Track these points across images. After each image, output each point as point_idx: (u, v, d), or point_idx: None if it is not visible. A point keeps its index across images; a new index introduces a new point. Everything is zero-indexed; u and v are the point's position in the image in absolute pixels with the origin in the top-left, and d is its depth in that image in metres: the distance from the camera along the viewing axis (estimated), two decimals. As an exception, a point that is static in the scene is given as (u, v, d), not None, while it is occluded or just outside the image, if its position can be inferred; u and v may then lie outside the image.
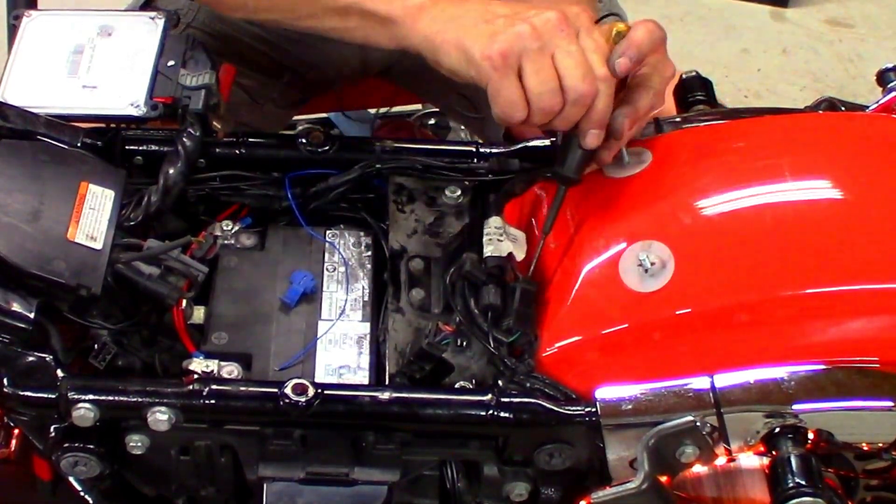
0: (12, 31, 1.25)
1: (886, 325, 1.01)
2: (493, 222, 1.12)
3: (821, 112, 1.24)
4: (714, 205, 1.08)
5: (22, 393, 1.02)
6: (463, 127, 1.91)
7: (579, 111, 1.04)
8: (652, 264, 1.03)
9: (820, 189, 1.10)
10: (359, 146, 1.22)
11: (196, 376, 1.03)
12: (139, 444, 1.04)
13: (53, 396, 1.01)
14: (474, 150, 1.22)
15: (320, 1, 1.17)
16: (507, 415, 1.01)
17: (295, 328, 1.12)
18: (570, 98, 1.03)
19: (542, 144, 1.21)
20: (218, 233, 1.16)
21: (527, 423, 1.02)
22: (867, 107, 1.24)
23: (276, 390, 1.01)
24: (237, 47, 1.53)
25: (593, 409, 1.01)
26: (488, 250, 1.10)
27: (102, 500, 1.11)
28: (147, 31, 1.24)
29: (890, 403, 1.00)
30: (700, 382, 1.00)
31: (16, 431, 1.10)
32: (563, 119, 1.05)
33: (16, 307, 1.01)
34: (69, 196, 1.08)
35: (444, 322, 1.06)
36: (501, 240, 1.11)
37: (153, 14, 1.26)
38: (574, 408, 1.02)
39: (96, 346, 1.06)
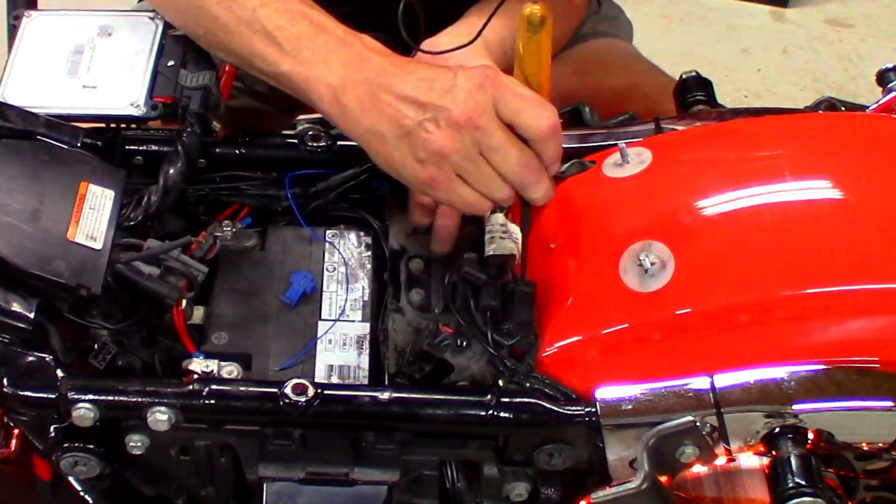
0: (12, 31, 1.26)
1: (886, 325, 1.01)
2: (496, 219, 1.12)
3: (821, 112, 1.24)
4: (714, 205, 1.08)
5: (22, 393, 1.02)
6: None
7: (535, 185, 1.05)
8: (652, 264, 1.03)
9: (820, 189, 1.10)
10: (359, 146, 1.22)
11: (196, 376, 1.03)
12: (139, 443, 1.04)
13: (53, 396, 1.01)
14: (474, 149, 1.22)
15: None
16: (506, 415, 1.01)
17: (295, 328, 1.12)
18: (517, 184, 1.05)
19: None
20: (218, 233, 1.16)
21: (527, 423, 1.02)
22: (867, 107, 1.24)
23: (275, 390, 1.01)
24: None
25: (593, 409, 1.01)
26: (490, 248, 1.10)
27: (102, 500, 1.11)
28: (147, 31, 1.24)
29: (890, 403, 1.00)
30: (700, 382, 1.00)
31: (16, 431, 1.10)
32: (530, 195, 1.06)
33: (16, 307, 1.01)
34: (69, 196, 1.08)
35: (444, 323, 1.06)
36: (504, 238, 1.11)
37: (153, 14, 1.26)
38: (574, 408, 1.02)
39: (96, 346, 1.06)
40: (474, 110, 1.02)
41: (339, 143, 1.21)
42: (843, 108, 1.24)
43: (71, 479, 1.09)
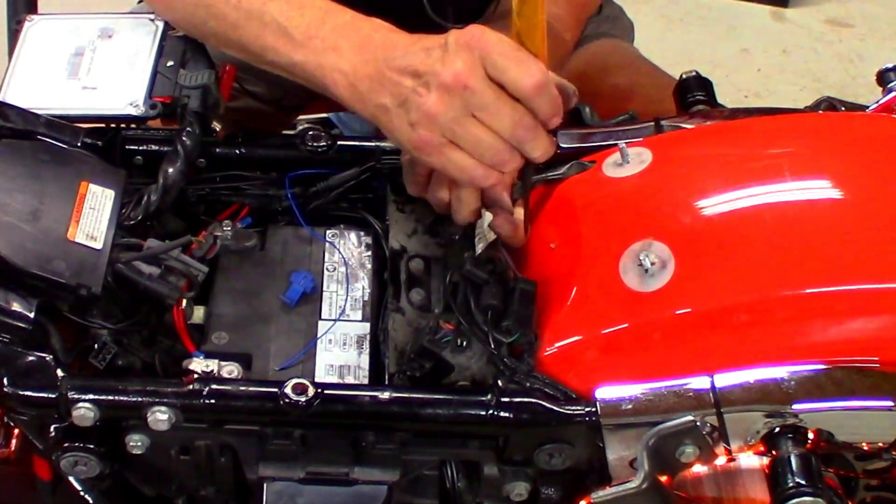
0: (14, 35, 1.26)
1: (886, 325, 1.01)
2: (487, 219, 1.12)
3: (821, 112, 1.24)
4: (714, 205, 1.08)
5: (22, 393, 1.02)
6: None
7: (531, 141, 1.04)
8: (652, 264, 1.03)
9: (820, 189, 1.10)
10: (358, 146, 1.22)
11: (196, 376, 1.03)
12: (139, 443, 1.04)
13: (53, 396, 1.01)
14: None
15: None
16: (506, 414, 1.01)
17: (295, 328, 1.12)
18: (513, 142, 1.03)
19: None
20: (218, 233, 1.16)
21: (527, 422, 1.02)
22: (867, 107, 1.24)
23: (276, 390, 1.01)
24: None
25: (593, 409, 1.01)
26: (479, 247, 1.10)
27: (102, 499, 1.11)
28: (147, 32, 1.25)
29: (890, 403, 1.00)
30: (700, 382, 1.00)
31: (16, 431, 1.10)
32: (529, 152, 1.05)
33: (16, 307, 1.01)
34: (69, 196, 1.08)
35: (444, 320, 1.06)
36: (486, 236, 1.11)
37: (153, 15, 1.26)
38: (574, 407, 1.02)
39: (96, 345, 1.06)
40: (461, 71, 1.01)
41: (339, 143, 1.22)
42: (843, 108, 1.23)
43: (71, 479, 1.09)
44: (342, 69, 1.09)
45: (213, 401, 1.02)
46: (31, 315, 1.01)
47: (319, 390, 1.01)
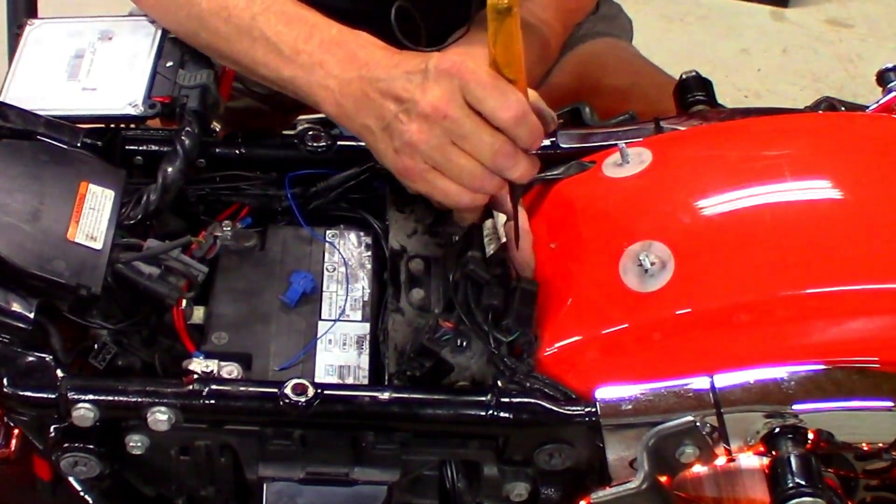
0: (15, 38, 1.26)
1: (886, 325, 1.01)
2: (500, 220, 1.12)
3: (821, 112, 1.24)
4: (714, 205, 1.08)
5: (22, 393, 1.02)
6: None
7: (511, 168, 1.04)
8: (652, 264, 1.03)
9: (820, 189, 1.10)
10: (358, 146, 1.22)
11: (196, 376, 1.03)
12: (139, 444, 1.04)
13: (53, 396, 1.01)
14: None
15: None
16: (506, 415, 1.01)
17: (295, 328, 1.12)
18: (494, 170, 1.04)
19: (545, 144, 1.21)
20: (218, 233, 1.16)
21: (527, 423, 1.02)
22: (867, 107, 1.24)
23: (275, 390, 1.01)
24: None
25: (593, 409, 1.01)
26: (490, 249, 1.10)
27: (102, 500, 1.10)
28: (146, 33, 1.25)
29: (890, 403, 1.00)
30: (700, 382, 1.00)
31: (16, 431, 1.10)
32: (508, 176, 1.05)
33: (16, 307, 1.01)
34: (69, 196, 1.08)
35: (444, 319, 1.06)
36: (499, 236, 1.11)
37: (153, 17, 1.27)
38: (574, 408, 1.02)
39: (96, 346, 1.06)
40: (441, 99, 1.02)
41: (339, 143, 1.22)
42: (843, 108, 1.23)
43: (71, 479, 1.09)
44: (328, 86, 1.10)
45: (213, 401, 1.02)
46: (31, 315, 1.01)
47: (319, 391, 1.01)
